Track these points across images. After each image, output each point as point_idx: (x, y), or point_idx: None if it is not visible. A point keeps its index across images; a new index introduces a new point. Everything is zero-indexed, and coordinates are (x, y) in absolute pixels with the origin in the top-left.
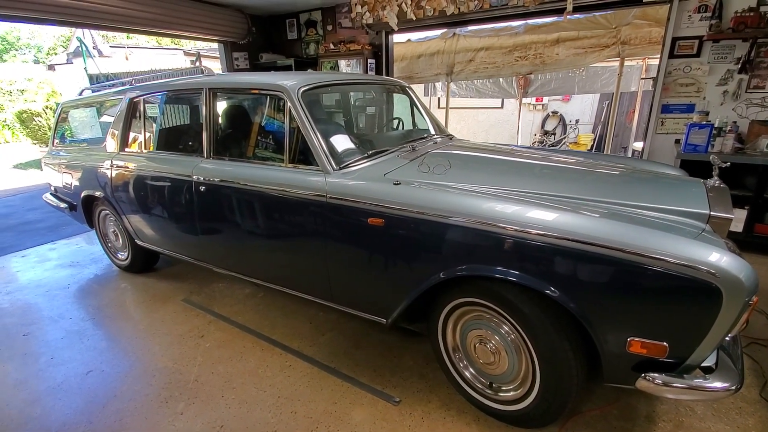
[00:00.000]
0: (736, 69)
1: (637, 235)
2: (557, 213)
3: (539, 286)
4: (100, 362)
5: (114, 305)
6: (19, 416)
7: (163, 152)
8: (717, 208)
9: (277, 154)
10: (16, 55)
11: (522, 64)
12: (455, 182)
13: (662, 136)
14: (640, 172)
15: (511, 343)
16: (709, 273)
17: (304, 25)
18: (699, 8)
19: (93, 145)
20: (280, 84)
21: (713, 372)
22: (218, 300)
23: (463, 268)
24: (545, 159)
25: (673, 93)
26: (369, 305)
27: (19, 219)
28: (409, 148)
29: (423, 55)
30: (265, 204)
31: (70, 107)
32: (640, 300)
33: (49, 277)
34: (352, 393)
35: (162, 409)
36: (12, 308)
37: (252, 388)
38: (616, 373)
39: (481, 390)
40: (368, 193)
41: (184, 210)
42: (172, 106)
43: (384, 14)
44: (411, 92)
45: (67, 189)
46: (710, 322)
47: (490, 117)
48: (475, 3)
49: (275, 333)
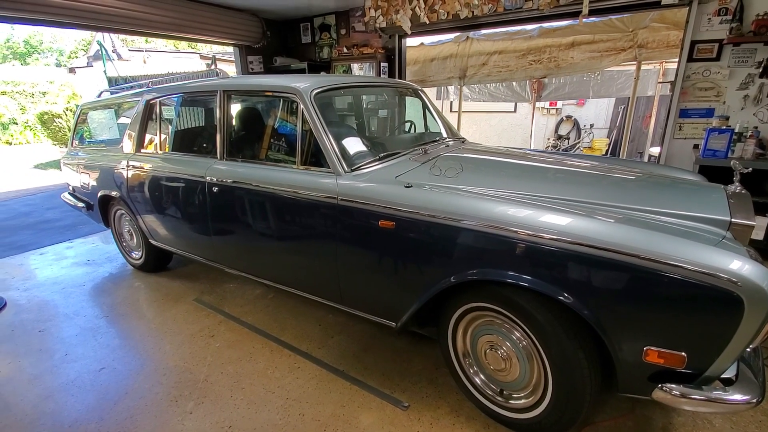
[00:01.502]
0: (758, 73)
1: (654, 241)
2: (571, 217)
3: (552, 292)
4: (113, 360)
5: (127, 303)
6: (33, 411)
7: (177, 153)
8: (738, 215)
9: (289, 156)
10: (38, 58)
11: (536, 67)
12: (467, 185)
13: (680, 141)
14: (657, 176)
15: (522, 349)
16: (731, 281)
17: (318, 29)
18: (719, 11)
19: (110, 146)
20: (294, 86)
21: (733, 384)
22: (229, 300)
23: (474, 273)
24: (559, 163)
25: (691, 97)
26: (378, 308)
27: (39, 217)
28: (421, 151)
29: (436, 59)
30: (276, 205)
31: (89, 109)
32: (658, 308)
33: (65, 274)
34: (361, 396)
35: (171, 407)
36: (29, 305)
37: (261, 389)
38: (631, 383)
39: (492, 397)
40: (379, 195)
41: (197, 210)
42: (187, 108)
43: (397, 18)
44: (423, 95)
45: (84, 189)
46: (731, 333)
47: (503, 121)
48: (489, 6)
49: (285, 334)
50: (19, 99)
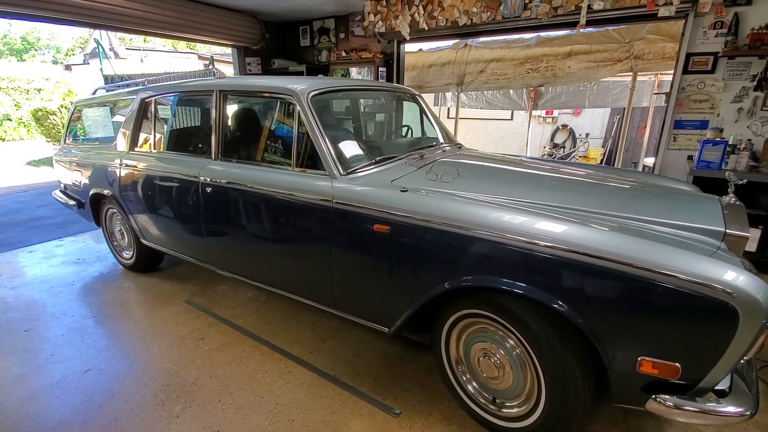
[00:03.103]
0: (752, 86)
1: (648, 250)
2: (566, 225)
3: (547, 299)
4: (99, 361)
5: (116, 304)
6: (16, 413)
7: (171, 152)
8: (733, 226)
9: (284, 158)
10: (35, 55)
11: (533, 76)
12: (463, 191)
13: (674, 152)
14: (651, 186)
15: (516, 357)
16: (725, 292)
17: (317, 32)
18: (714, 24)
19: (104, 144)
20: (291, 88)
21: (727, 396)
22: (220, 302)
23: (469, 279)
24: (554, 170)
25: (686, 109)
26: (372, 313)
27: (29, 215)
28: (418, 156)
29: (434, 65)
30: (270, 207)
31: (84, 106)
32: (652, 318)
33: (54, 273)
34: (352, 403)
35: (158, 411)
36: (16, 303)
37: (250, 393)
38: (625, 394)
39: (484, 405)
40: (375, 199)
41: (190, 210)
42: (182, 108)
43: (396, 23)
44: (420, 100)
45: (76, 186)
46: (725, 344)
47: (500, 128)
48: (487, 14)
49: (276, 338)
50: (14, 95)
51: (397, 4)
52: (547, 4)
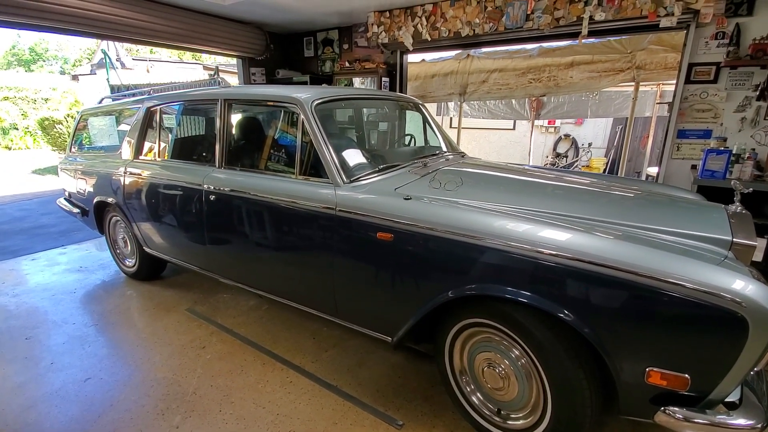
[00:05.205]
0: (755, 96)
1: (655, 259)
2: (571, 233)
3: (552, 308)
4: (100, 370)
5: (118, 312)
6: (15, 422)
7: (175, 161)
8: (740, 235)
9: (288, 166)
10: (43, 65)
11: (535, 86)
12: (467, 199)
13: (678, 162)
14: (656, 194)
15: (521, 368)
16: (735, 302)
17: (321, 43)
18: (716, 35)
19: (109, 152)
20: (295, 96)
21: (737, 408)
22: (222, 311)
23: (473, 288)
24: (558, 179)
25: (689, 118)
26: (374, 322)
27: (33, 222)
28: (421, 164)
29: (437, 75)
30: (273, 215)
31: (90, 115)
32: (660, 328)
33: (56, 281)
34: (354, 413)
35: (158, 421)
36: (18, 311)
37: (251, 403)
38: (632, 405)
39: (489, 417)
40: (378, 207)
41: (193, 219)
42: (187, 117)
43: (400, 34)
44: (424, 109)
45: (80, 194)
46: (735, 355)
47: (502, 138)
48: (490, 25)
49: (277, 347)
50: (21, 105)
51: (400, 16)
52: (549, 15)
